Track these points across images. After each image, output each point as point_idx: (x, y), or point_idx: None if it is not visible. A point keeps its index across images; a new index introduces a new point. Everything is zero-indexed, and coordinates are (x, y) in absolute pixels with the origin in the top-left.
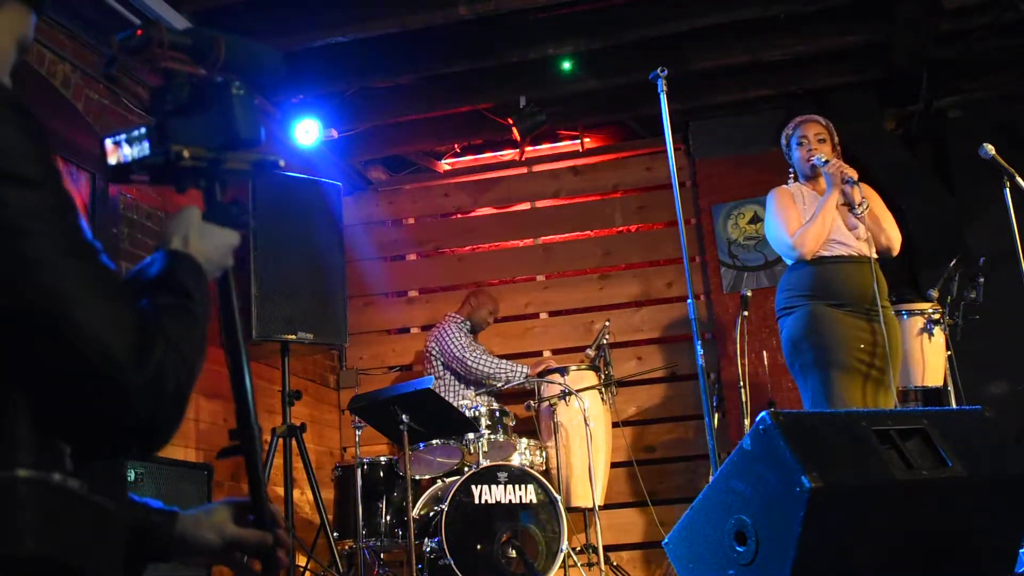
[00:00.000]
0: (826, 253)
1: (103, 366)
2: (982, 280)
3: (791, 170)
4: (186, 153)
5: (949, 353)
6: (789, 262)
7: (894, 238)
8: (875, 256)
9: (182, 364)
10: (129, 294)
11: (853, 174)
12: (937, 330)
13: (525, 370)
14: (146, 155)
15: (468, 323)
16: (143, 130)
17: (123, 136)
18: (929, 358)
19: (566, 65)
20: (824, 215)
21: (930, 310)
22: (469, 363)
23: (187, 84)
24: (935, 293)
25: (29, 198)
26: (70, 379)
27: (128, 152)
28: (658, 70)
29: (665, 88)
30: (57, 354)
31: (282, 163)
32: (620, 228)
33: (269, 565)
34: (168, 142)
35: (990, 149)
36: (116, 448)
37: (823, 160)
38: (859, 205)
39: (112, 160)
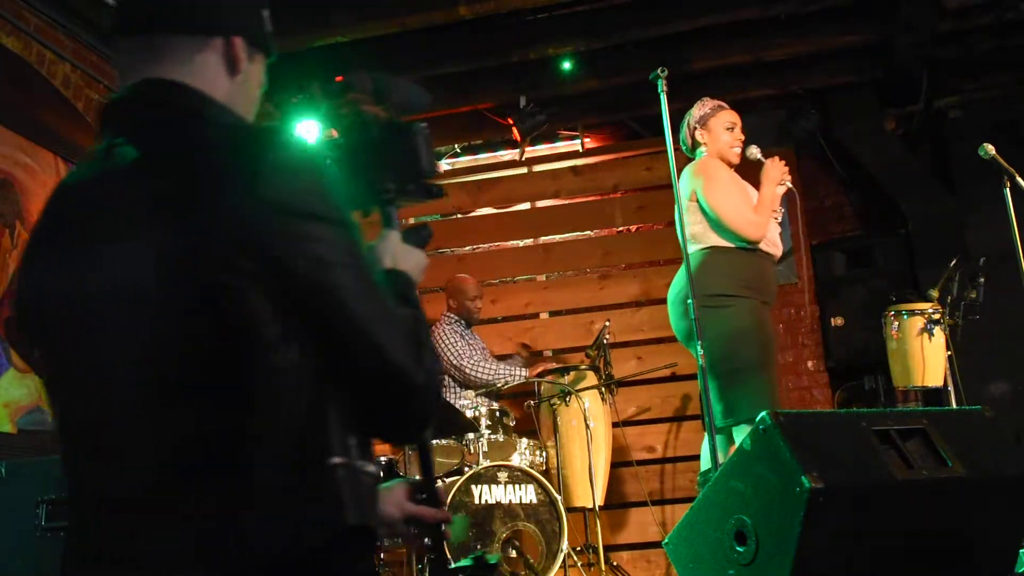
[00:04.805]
0: (763, 248)
1: (399, 375)
2: (982, 280)
3: (703, 149)
4: (391, 186)
5: (949, 353)
6: (729, 243)
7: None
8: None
9: (436, 363)
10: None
11: (789, 179)
12: (937, 330)
13: (524, 372)
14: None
15: (460, 318)
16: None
17: None
18: (929, 358)
19: (566, 65)
20: (771, 207)
21: (930, 310)
22: (467, 371)
23: (375, 125)
24: (935, 293)
25: (339, 235)
26: (375, 386)
27: None
28: (658, 70)
29: (665, 88)
30: (367, 368)
31: (444, 192)
32: (620, 228)
33: (438, 538)
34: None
35: (990, 149)
36: (398, 437)
37: (757, 154)
38: (779, 210)
39: None
